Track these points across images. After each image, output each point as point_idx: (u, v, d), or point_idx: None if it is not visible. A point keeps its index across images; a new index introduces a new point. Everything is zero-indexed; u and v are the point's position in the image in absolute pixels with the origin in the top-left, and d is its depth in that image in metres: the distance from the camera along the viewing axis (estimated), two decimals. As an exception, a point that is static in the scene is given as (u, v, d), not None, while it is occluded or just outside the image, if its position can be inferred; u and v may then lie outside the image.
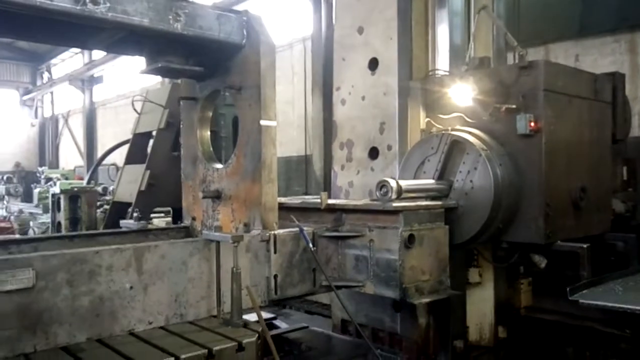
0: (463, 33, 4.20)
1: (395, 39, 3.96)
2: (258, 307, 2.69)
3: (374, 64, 4.16)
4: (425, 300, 3.29)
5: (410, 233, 3.12)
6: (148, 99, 7.52)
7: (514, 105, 3.44)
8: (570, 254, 3.71)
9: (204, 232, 2.89)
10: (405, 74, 4.00)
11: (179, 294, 2.68)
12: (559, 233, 3.60)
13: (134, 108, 7.51)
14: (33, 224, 12.27)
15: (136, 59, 3.13)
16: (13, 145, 24.93)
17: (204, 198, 3.30)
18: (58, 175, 17.14)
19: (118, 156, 10.29)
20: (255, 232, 2.96)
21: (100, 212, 8.05)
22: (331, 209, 3.42)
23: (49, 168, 21.00)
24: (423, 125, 4.04)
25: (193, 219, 3.49)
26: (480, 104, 3.65)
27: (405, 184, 3.35)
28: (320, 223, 3.38)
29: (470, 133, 3.63)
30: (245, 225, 3.05)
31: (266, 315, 3.78)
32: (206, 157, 3.43)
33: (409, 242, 3.12)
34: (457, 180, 3.60)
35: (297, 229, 3.03)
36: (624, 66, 5.89)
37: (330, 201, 3.50)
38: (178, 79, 3.50)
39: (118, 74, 19.54)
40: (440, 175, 3.67)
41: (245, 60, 3.02)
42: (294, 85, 10.89)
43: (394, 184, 3.20)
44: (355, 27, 4.28)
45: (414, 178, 3.80)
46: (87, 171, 18.46)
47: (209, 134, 3.54)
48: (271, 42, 3.02)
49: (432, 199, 3.56)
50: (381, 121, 4.14)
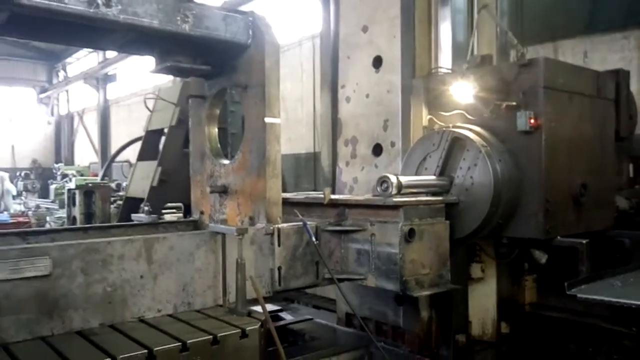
0: (466, 30, 4.25)
1: (398, 38, 4.04)
2: (261, 297, 2.80)
3: (378, 62, 4.25)
4: (425, 293, 3.34)
5: (410, 227, 3.17)
6: (160, 96, 7.69)
7: (514, 103, 3.50)
8: (570, 249, 3.75)
9: (211, 225, 3.01)
10: (408, 72, 4.08)
11: (187, 283, 2.80)
12: (559, 229, 3.64)
13: (146, 106, 7.68)
14: (50, 218, 12.55)
15: (148, 58, 3.24)
16: (30, 143, 25.43)
17: (212, 192, 3.39)
18: (73, 172, 17.45)
19: (131, 153, 10.50)
20: (260, 226, 3.04)
21: (114, 208, 8.23)
22: (334, 204, 3.49)
23: (64, 165, 21.41)
24: (425, 122, 4.10)
25: (201, 213, 3.60)
26: (481, 101, 3.70)
27: (405, 179, 3.42)
28: (324, 217, 3.45)
29: (470, 130, 3.69)
30: (251, 218, 3.13)
31: (272, 307, 3.89)
32: (214, 153, 3.53)
33: (409, 237, 3.16)
34: (458, 176, 3.66)
35: (301, 223, 3.12)
36: (633, 63, 5.86)
37: (333, 196, 3.57)
38: (186, 77, 3.61)
39: (131, 72, 19.80)
40: (442, 172, 3.74)
41: (251, 60, 3.11)
42: (302, 83, 10.96)
43: (394, 179, 3.27)
44: (360, 26, 4.37)
45: (416, 174, 3.87)
46: (101, 167, 18.79)
47: (216, 130, 3.64)
48: (276, 42, 3.10)
49: (433, 194, 3.62)
50: (385, 118, 4.23)
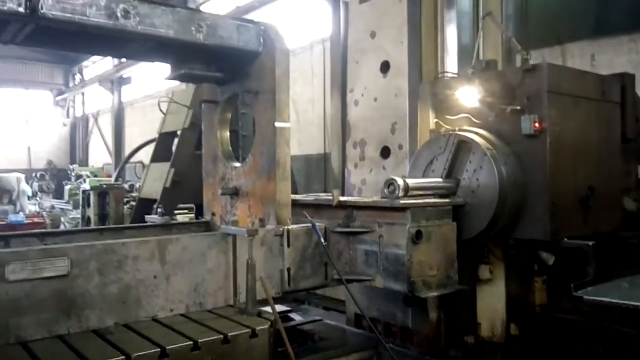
0: (471, 34, 4.31)
1: (405, 43, 4.10)
2: (271, 297, 2.87)
3: (385, 67, 4.31)
4: (432, 294, 3.38)
5: (417, 229, 3.21)
6: (173, 100, 7.82)
7: (518, 107, 3.55)
8: (577, 251, 3.77)
9: (222, 227, 3.09)
10: (415, 76, 4.14)
11: (199, 284, 2.88)
12: (566, 230, 3.67)
13: (159, 109, 7.82)
14: (64, 219, 12.79)
15: (162, 64, 3.36)
16: (46, 144, 25.89)
17: (223, 194, 3.48)
18: (88, 173, 17.76)
19: (144, 155, 10.67)
20: (270, 227, 3.11)
21: (127, 208, 8.37)
22: (342, 205, 3.55)
23: (79, 165, 21.76)
24: (432, 125, 4.16)
25: (213, 214, 3.70)
26: (487, 105, 3.75)
27: (412, 182, 3.48)
28: (332, 219, 3.51)
29: (476, 133, 3.74)
30: (261, 220, 3.21)
31: (282, 308, 3.96)
32: (225, 156, 3.63)
33: (417, 238, 3.21)
34: (464, 179, 3.71)
35: (310, 224, 3.18)
36: (640, 66, 5.85)
37: (341, 198, 3.63)
38: (200, 83, 3.71)
39: (145, 75, 20.09)
40: (448, 174, 3.79)
41: (262, 67, 3.20)
42: (313, 85, 11.05)
43: (401, 182, 3.34)
44: (368, 32, 4.44)
45: (423, 176, 3.92)
46: (115, 169, 19.07)
47: (228, 134, 3.74)
48: (286, 50, 3.19)
49: (440, 196, 3.67)
50: (392, 122, 4.29)
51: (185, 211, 6.16)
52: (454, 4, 4.22)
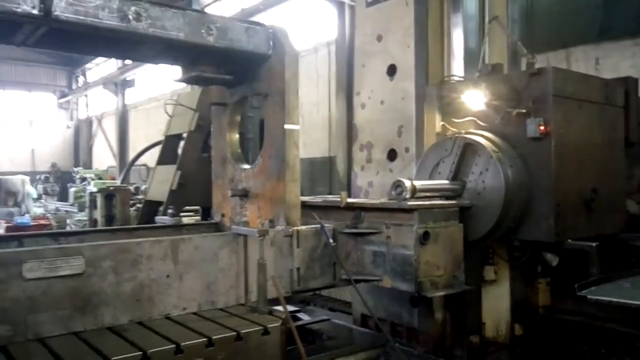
0: (478, 37, 4.36)
1: (412, 47, 4.16)
2: (282, 296, 2.93)
3: (392, 70, 4.38)
4: (439, 294, 3.42)
5: (425, 230, 3.26)
6: (179, 102, 7.87)
7: (524, 110, 3.60)
8: (581, 252, 3.81)
9: (233, 227, 3.14)
10: (422, 79, 4.19)
11: (211, 282, 2.93)
12: (570, 232, 3.71)
13: (165, 111, 7.86)
14: (70, 221, 12.84)
15: (165, 65, 3.41)
16: (50, 146, 25.96)
17: (233, 196, 3.54)
18: (92, 175, 17.84)
19: (148, 157, 10.72)
20: (279, 228, 3.16)
21: (133, 210, 8.43)
22: (350, 207, 3.60)
23: (83, 168, 21.86)
24: (438, 128, 4.21)
25: (222, 216, 3.75)
26: (493, 109, 3.81)
27: (419, 183, 3.52)
28: (340, 220, 3.55)
29: (482, 136, 3.79)
30: (271, 221, 3.26)
31: (290, 308, 4.01)
32: (235, 158, 3.68)
33: (424, 239, 3.25)
34: (470, 181, 3.76)
35: (319, 225, 3.23)
36: (644, 70, 5.88)
37: (349, 200, 3.69)
38: (210, 86, 3.77)
39: (149, 78, 20.18)
40: (454, 176, 3.84)
41: (271, 69, 3.25)
42: (318, 88, 11.09)
43: (408, 183, 3.38)
44: (375, 35, 4.50)
45: (430, 178, 3.97)
46: (120, 171, 19.14)
47: (237, 136, 3.80)
48: (295, 53, 3.24)
49: (447, 198, 3.72)
50: (399, 124, 4.35)
51: (191, 213, 6.20)
52: (460, 8, 4.28)
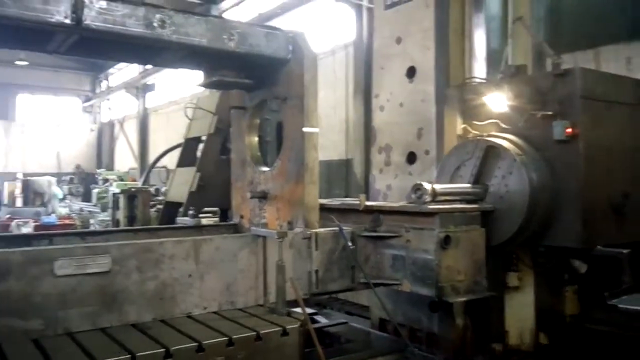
0: (500, 38, 4.29)
1: (432, 49, 4.12)
2: (300, 297, 2.93)
3: (411, 73, 4.33)
4: (461, 299, 3.36)
5: (446, 234, 3.21)
6: (199, 106, 7.97)
7: (550, 112, 3.51)
8: (612, 259, 3.69)
9: (252, 229, 3.17)
10: (442, 81, 4.14)
11: (230, 283, 2.97)
12: (599, 238, 3.59)
13: (185, 114, 7.98)
14: (93, 221, 13.13)
15: (184, 70, 3.46)
16: (74, 149, 26.70)
17: (252, 198, 3.56)
18: (114, 177, 18.24)
19: (168, 160, 10.89)
20: (298, 230, 3.17)
21: (154, 211, 8.57)
22: (369, 210, 3.56)
23: (105, 170, 22.35)
24: (459, 131, 4.15)
25: (241, 217, 3.78)
26: (516, 111, 3.73)
27: (440, 187, 3.48)
28: (359, 223, 3.52)
29: (505, 139, 3.72)
30: (289, 223, 3.26)
31: (308, 310, 4.01)
32: (254, 161, 3.71)
33: (445, 243, 3.20)
34: (493, 185, 3.69)
35: (337, 228, 3.22)
36: (677, 69, 5.68)
37: (368, 203, 3.66)
38: (231, 90, 3.81)
39: (169, 82, 20.52)
40: (476, 180, 3.77)
41: (290, 73, 3.28)
42: (335, 91, 11.11)
43: (428, 187, 3.34)
44: (394, 38, 4.47)
45: (450, 182, 3.91)
46: (140, 173, 19.47)
47: (257, 139, 3.83)
48: (314, 57, 3.26)
49: (468, 202, 3.66)
50: (419, 127, 4.30)
51: (210, 215, 6.26)
52: (482, 8, 4.21)
